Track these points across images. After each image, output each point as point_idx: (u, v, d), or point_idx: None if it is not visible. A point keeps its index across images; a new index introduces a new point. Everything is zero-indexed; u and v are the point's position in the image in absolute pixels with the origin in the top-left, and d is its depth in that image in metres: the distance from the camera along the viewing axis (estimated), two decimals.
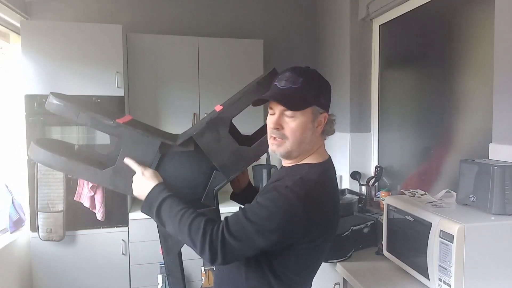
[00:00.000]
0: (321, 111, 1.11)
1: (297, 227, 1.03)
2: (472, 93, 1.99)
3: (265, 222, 1.01)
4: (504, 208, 1.37)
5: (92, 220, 2.67)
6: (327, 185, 1.13)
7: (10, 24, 2.74)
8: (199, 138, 1.32)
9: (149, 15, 3.22)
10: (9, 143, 2.80)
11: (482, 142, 1.76)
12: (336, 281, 1.79)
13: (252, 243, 1.01)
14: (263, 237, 1.01)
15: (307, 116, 1.09)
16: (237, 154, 1.37)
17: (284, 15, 3.48)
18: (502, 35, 1.61)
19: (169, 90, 3.00)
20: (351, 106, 2.86)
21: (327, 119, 1.13)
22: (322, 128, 1.13)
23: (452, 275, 1.29)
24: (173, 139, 1.35)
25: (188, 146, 1.34)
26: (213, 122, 1.33)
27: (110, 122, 1.25)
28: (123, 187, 1.29)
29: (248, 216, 1.02)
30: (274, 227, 1.01)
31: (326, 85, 1.14)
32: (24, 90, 2.57)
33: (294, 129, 1.09)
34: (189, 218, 1.06)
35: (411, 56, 2.54)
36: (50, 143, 1.51)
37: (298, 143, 1.10)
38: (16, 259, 2.59)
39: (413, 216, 1.50)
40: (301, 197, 1.02)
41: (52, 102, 1.27)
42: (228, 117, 1.35)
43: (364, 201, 2.60)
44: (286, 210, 1.01)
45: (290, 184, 1.04)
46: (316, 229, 1.07)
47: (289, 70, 1.12)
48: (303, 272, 1.16)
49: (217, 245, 1.00)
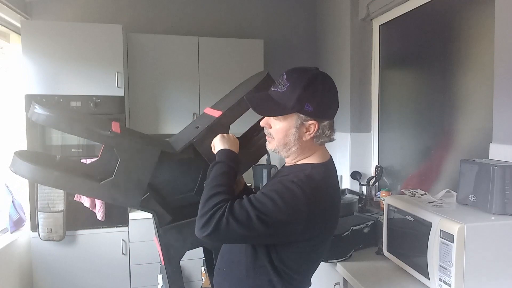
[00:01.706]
0: (307, 118, 1.08)
1: (298, 221, 1.03)
2: (473, 93, 1.99)
3: (268, 210, 1.01)
4: (504, 208, 1.37)
5: (92, 220, 2.67)
6: (330, 185, 1.13)
7: (11, 24, 2.74)
8: (199, 145, 1.31)
9: (149, 15, 3.22)
10: (9, 143, 2.80)
11: (483, 142, 1.76)
12: (336, 281, 1.79)
13: (251, 228, 1.00)
14: (263, 224, 1.00)
15: (289, 122, 1.09)
16: None
17: (284, 15, 3.48)
18: (502, 34, 1.60)
19: (169, 90, 3.00)
20: (351, 106, 2.86)
21: (317, 127, 1.09)
22: (311, 135, 1.10)
23: (452, 275, 1.29)
24: (169, 146, 1.33)
25: (188, 153, 1.32)
26: (213, 128, 1.31)
27: (107, 133, 1.20)
28: (123, 199, 1.24)
29: (253, 203, 1.02)
30: (277, 218, 1.01)
31: (322, 93, 1.08)
32: (24, 90, 2.57)
33: (277, 131, 1.12)
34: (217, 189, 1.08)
35: (411, 56, 2.54)
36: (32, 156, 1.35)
37: (282, 145, 1.12)
38: (16, 259, 2.59)
39: (414, 216, 1.50)
40: (306, 193, 1.03)
41: (40, 113, 1.18)
42: (228, 123, 1.34)
43: (364, 201, 2.60)
44: (290, 203, 1.01)
45: (296, 180, 1.05)
46: (317, 227, 1.08)
47: (286, 72, 1.11)
48: (303, 269, 1.16)
49: (214, 217, 1.00)
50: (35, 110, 1.18)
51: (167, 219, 1.31)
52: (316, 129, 1.09)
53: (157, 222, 1.30)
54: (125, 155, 1.21)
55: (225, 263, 1.24)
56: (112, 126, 1.25)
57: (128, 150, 1.22)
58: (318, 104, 1.07)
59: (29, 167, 1.16)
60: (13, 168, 1.18)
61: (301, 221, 1.03)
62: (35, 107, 1.18)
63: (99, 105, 2.68)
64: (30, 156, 1.27)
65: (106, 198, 1.25)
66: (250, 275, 1.14)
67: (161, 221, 1.30)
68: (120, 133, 1.23)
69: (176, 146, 1.33)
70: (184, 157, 1.34)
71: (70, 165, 1.40)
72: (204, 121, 1.39)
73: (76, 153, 2.67)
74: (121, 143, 1.22)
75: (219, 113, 1.34)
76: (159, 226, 1.30)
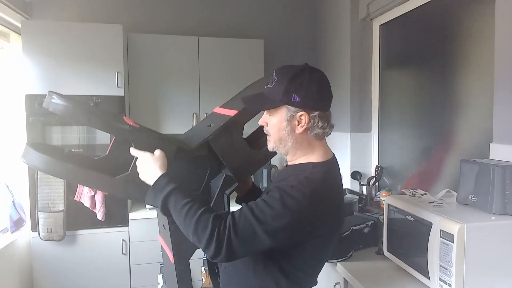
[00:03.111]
0: (297, 110, 1.08)
1: (304, 225, 1.04)
2: (473, 93, 1.99)
3: (273, 221, 1.01)
4: (505, 208, 1.37)
5: (93, 220, 2.67)
6: (332, 184, 1.14)
7: (11, 24, 2.74)
8: (214, 142, 1.30)
9: (149, 15, 3.22)
10: (10, 143, 2.80)
11: (483, 142, 1.76)
12: (337, 281, 1.79)
13: (258, 242, 1.01)
14: (270, 236, 1.01)
15: (279, 115, 1.11)
16: (249, 158, 1.36)
17: (284, 15, 3.48)
18: (502, 34, 1.60)
19: (170, 90, 3.00)
20: (352, 106, 2.86)
21: (308, 118, 1.09)
22: (304, 128, 1.09)
23: (453, 275, 1.29)
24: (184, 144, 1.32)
25: (203, 150, 1.32)
26: (228, 126, 1.31)
27: (126, 126, 1.19)
28: (137, 195, 1.21)
29: (256, 215, 1.02)
30: (281, 226, 1.01)
31: (309, 83, 1.08)
32: (24, 90, 2.58)
33: (271, 126, 1.14)
34: (196, 214, 1.04)
35: (412, 56, 2.54)
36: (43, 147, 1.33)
37: (278, 141, 1.14)
38: (16, 259, 2.59)
39: (414, 216, 1.50)
40: (307, 196, 1.02)
41: (57, 103, 1.14)
42: (242, 121, 1.34)
43: (364, 201, 2.60)
44: (293, 209, 1.01)
45: (295, 184, 1.05)
46: (322, 226, 1.08)
47: (276, 69, 1.13)
48: (310, 269, 1.17)
49: (223, 243, 1.00)
50: (53, 100, 1.14)
51: None
52: (307, 120, 1.09)
53: (168, 219, 1.26)
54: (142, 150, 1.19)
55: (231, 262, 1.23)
56: (127, 121, 1.24)
57: (145, 145, 1.20)
58: (305, 95, 1.07)
59: (43, 158, 1.13)
60: (25, 159, 1.14)
61: (307, 224, 1.04)
62: (53, 97, 1.14)
63: (100, 105, 2.67)
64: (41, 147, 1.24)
65: (120, 193, 1.23)
66: (257, 275, 1.14)
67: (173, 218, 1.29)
68: (138, 127, 1.23)
69: (190, 144, 1.32)
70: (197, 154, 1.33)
71: (80, 159, 1.37)
72: (217, 119, 1.38)
73: None
74: (139, 138, 1.21)
75: (234, 112, 1.34)
76: (171, 223, 1.26)
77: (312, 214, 1.04)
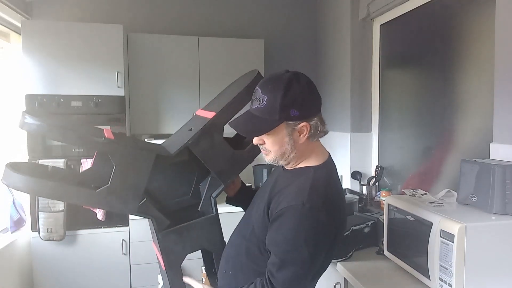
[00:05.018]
0: (297, 123, 1.07)
1: (329, 235, 1.08)
2: (473, 93, 1.99)
3: (305, 254, 1.03)
4: (505, 208, 1.37)
5: (93, 220, 2.67)
6: (335, 187, 1.15)
7: (11, 24, 2.74)
8: (194, 146, 1.29)
9: (149, 15, 3.22)
10: (10, 143, 2.80)
11: (483, 141, 1.76)
12: (337, 281, 1.79)
13: (306, 277, 1.06)
14: (313, 265, 1.06)
15: (280, 132, 1.08)
16: (232, 159, 1.36)
17: (284, 15, 3.48)
18: (502, 34, 1.60)
19: (170, 90, 3.00)
20: (352, 106, 2.86)
21: (309, 127, 1.08)
22: (306, 136, 1.09)
23: (453, 274, 1.29)
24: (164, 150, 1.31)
25: (183, 156, 1.31)
26: (207, 129, 1.30)
27: (101, 139, 1.16)
28: (120, 206, 1.21)
29: (292, 260, 1.04)
30: (317, 251, 1.05)
31: (301, 94, 1.06)
32: (24, 90, 2.58)
33: (272, 144, 1.11)
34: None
35: (412, 56, 2.53)
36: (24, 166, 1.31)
37: (281, 155, 1.12)
38: (16, 259, 2.59)
39: (414, 215, 1.50)
40: (321, 209, 1.04)
41: (31, 123, 1.12)
42: (221, 123, 1.34)
43: (364, 201, 2.60)
44: (317, 230, 1.04)
45: (305, 200, 1.03)
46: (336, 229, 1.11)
47: (259, 86, 1.09)
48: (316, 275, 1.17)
49: None
50: (26, 120, 1.12)
51: (165, 224, 1.29)
52: (309, 129, 1.09)
53: (155, 228, 1.27)
54: (120, 161, 1.19)
55: (232, 267, 1.23)
56: (105, 133, 1.22)
57: (122, 156, 1.19)
58: (301, 106, 1.06)
59: (22, 179, 1.12)
60: (6, 181, 1.13)
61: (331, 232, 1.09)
62: (25, 117, 1.12)
63: (100, 105, 2.68)
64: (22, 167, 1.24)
65: (103, 206, 1.23)
66: None
67: (160, 226, 1.28)
68: (114, 139, 1.21)
69: (171, 150, 1.31)
70: (179, 160, 1.32)
71: (63, 175, 1.37)
72: (197, 123, 1.37)
73: (76, 153, 2.67)
74: (115, 149, 1.19)
75: (212, 114, 1.33)
76: (158, 231, 1.27)
77: (330, 221, 1.06)
